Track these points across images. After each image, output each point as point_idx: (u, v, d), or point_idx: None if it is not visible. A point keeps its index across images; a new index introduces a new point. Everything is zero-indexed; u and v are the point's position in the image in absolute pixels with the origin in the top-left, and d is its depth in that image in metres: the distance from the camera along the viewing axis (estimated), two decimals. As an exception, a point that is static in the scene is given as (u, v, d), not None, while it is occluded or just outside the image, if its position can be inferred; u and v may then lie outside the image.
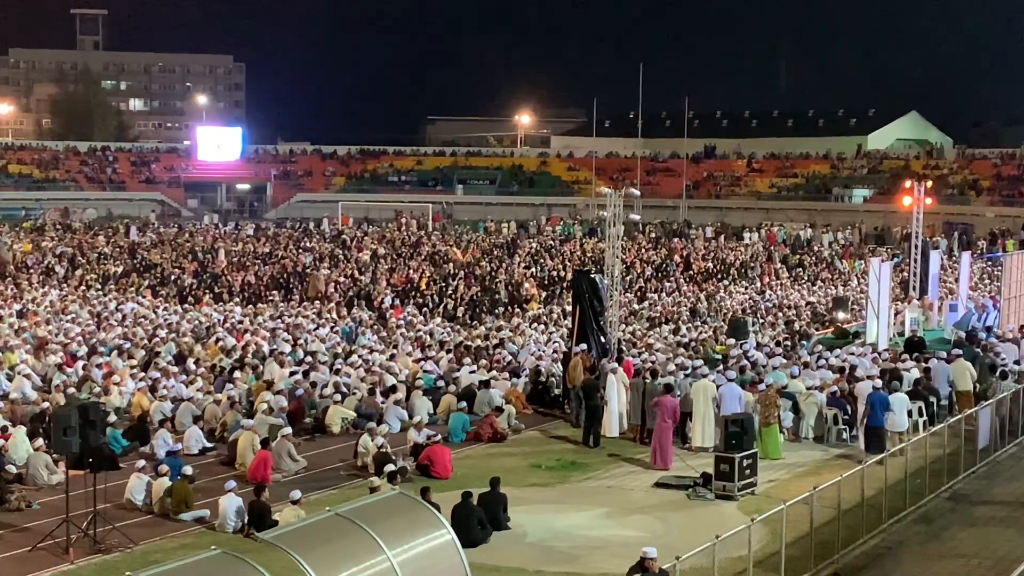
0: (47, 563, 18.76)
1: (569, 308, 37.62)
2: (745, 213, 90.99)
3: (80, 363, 32.37)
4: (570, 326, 33.22)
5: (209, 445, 26.33)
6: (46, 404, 27.05)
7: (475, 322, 44.09)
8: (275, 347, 35.42)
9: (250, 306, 46.51)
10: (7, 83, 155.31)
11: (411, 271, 56.52)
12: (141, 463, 22.74)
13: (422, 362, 34.04)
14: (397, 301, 47.97)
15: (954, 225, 79.34)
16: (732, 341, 37.13)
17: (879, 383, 26.89)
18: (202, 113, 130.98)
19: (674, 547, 16.44)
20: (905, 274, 48.32)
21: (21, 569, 18.45)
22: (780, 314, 47.15)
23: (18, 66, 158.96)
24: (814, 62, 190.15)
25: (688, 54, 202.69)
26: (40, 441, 23.87)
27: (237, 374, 31.22)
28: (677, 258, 64.75)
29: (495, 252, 66.81)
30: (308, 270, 56.56)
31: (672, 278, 57.87)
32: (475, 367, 32.90)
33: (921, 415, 26.96)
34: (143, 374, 31.37)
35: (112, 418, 26.08)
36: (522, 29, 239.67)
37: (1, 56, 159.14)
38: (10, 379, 31.18)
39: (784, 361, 31.63)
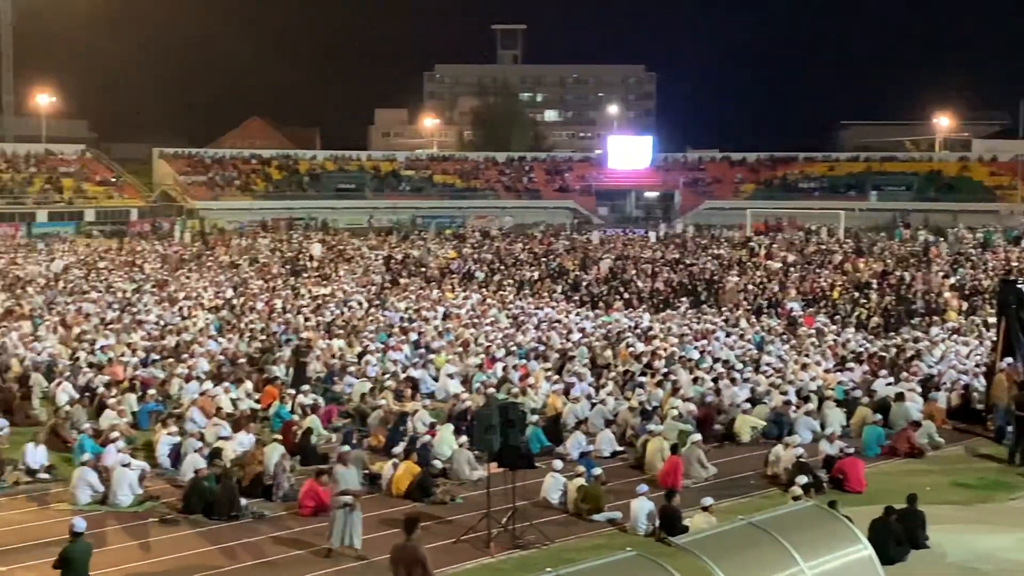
0: (470, 555, 19.62)
1: (993, 320, 35.76)
2: None
3: (499, 365, 33.74)
4: (994, 339, 31.56)
5: (619, 449, 26.78)
6: (468, 403, 28.33)
7: (890, 332, 42.68)
8: (683, 354, 35.64)
9: (659, 312, 47.06)
10: (432, 97, 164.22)
11: (822, 279, 55.31)
12: (558, 464, 23.45)
13: (834, 372, 33.33)
14: (809, 310, 47.16)
15: None
16: None
17: None
18: (613, 122, 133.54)
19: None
20: None
21: (447, 559, 19.33)
22: None
23: (443, 81, 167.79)
24: None
25: None
26: (463, 438, 25.04)
27: (645, 379, 31.63)
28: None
29: (911, 260, 64.29)
30: (715, 277, 56.52)
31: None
32: (891, 379, 31.85)
33: None
34: (557, 377, 32.33)
35: (533, 418, 27.04)
36: (939, 28, 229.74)
37: (427, 72, 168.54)
38: (435, 379, 33.02)
39: None
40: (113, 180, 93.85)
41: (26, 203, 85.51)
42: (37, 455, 24.49)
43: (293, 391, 30.18)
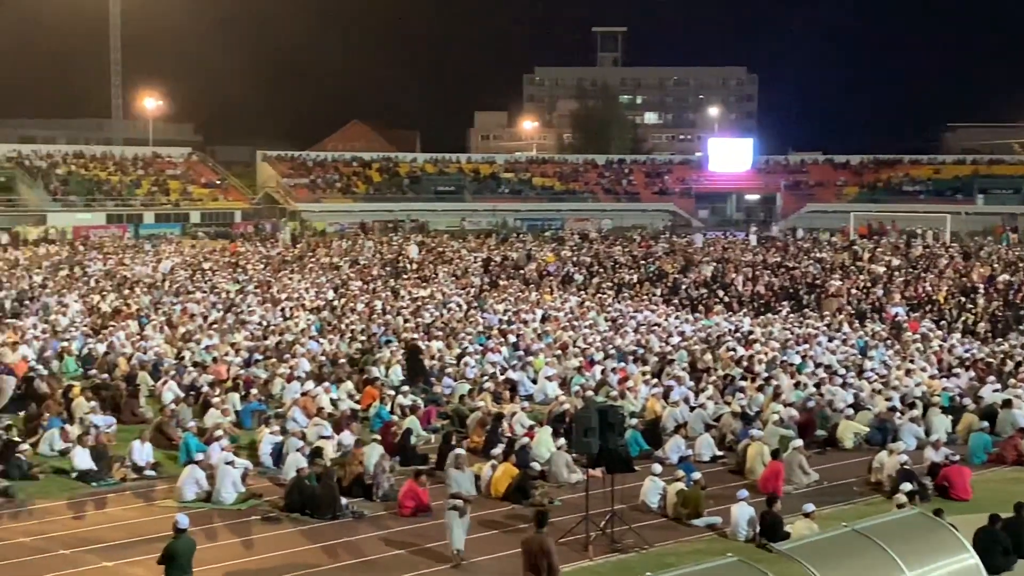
0: (568, 558, 19.49)
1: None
2: None
3: (597, 368, 33.67)
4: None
5: (720, 453, 26.59)
6: (566, 406, 28.30)
7: (997, 338, 41.82)
8: (785, 358, 35.29)
9: (760, 316, 46.62)
10: (532, 100, 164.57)
11: (927, 284, 54.37)
12: (657, 467, 23.32)
13: (940, 378, 32.77)
14: (914, 314, 46.39)
15: None
16: None
17: None
18: (714, 124, 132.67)
19: None
20: None
21: (544, 561, 19.37)
22: None
23: (543, 84, 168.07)
24: None
25: None
26: (562, 441, 25.01)
27: (746, 384, 31.36)
28: None
29: (1019, 264, 62.91)
30: (818, 281, 55.85)
31: None
32: (998, 385, 31.21)
33: None
34: (656, 380, 32.16)
35: (632, 421, 26.91)
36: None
37: (527, 75, 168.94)
38: (534, 382, 33.05)
39: None
40: (218, 182, 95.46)
41: (134, 205, 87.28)
42: (143, 452, 24.97)
43: (408, 386, 30.96)
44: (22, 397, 29.79)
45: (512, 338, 38.58)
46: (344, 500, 22.27)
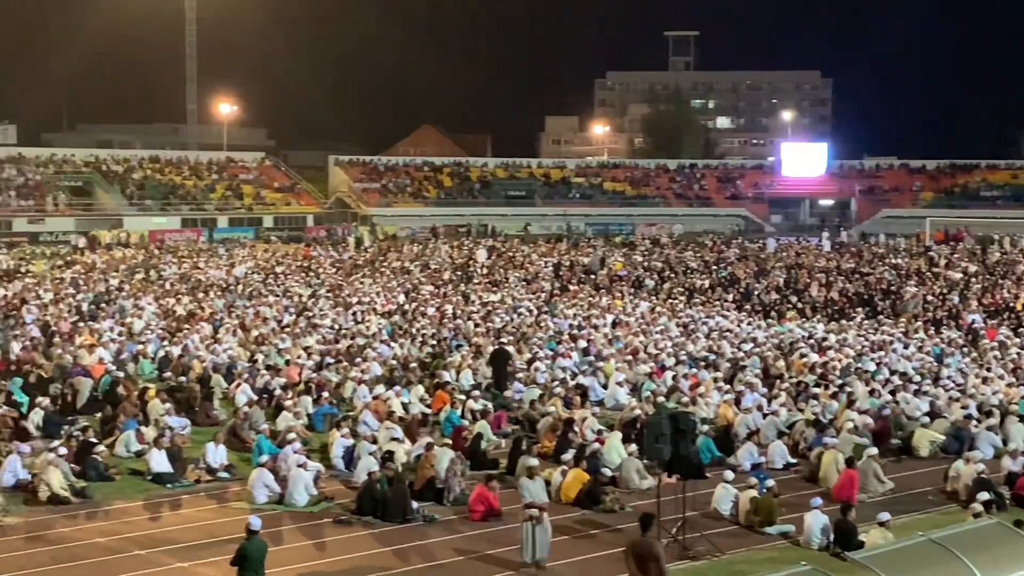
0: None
1: None
2: None
3: (668, 373, 33.49)
4: None
5: (793, 461, 26.33)
6: (637, 412, 28.17)
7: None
8: (859, 365, 34.90)
9: (833, 323, 46.12)
10: (603, 104, 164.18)
11: (1005, 291, 53.50)
12: (729, 475, 23.16)
13: (1018, 386, 32.22)
14: (991, 322, 45.66)
15: None
16: None
17: None
18: (787, 129, 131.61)
19: None
20: None
21: (614, 568, 19.17)
22: None
23: (614, 88, 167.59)
24: None
25: None
26: (633, 447, 24.92)
27: (820, 391, 31.04)
28: None
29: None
30: (893, 287, 55.18)
31: None
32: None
33: None
34: (728, 387, 31.94)
35: (704, 427, 26.72)
36: None
37: (599, 79, 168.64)
38: (604, 387, 32.94)
39: None
40: (290, 187, 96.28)
41: (208, 209, 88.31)
42: (217, 454, 25.23)
43: (497, 390, 31.57)
44: (99, 399, 30.24)
45: (583, 343, 38.48)
46: (415, 504, 22.33)
